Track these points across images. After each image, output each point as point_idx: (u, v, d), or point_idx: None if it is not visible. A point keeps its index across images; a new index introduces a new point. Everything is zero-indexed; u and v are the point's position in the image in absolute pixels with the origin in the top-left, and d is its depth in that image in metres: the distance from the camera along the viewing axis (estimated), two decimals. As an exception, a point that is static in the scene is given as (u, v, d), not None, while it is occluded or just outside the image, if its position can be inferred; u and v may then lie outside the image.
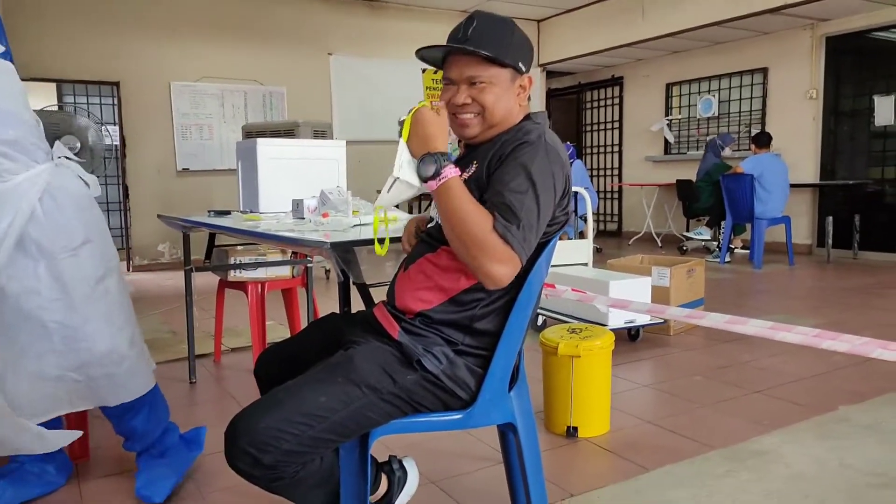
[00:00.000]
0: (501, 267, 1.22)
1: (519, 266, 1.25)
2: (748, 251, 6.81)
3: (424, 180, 1.30)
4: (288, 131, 4.67)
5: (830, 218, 6.61)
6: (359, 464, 1.39)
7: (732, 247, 6.95)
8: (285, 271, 3.29)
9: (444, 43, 1.41)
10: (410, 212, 6.02)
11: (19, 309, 1.70)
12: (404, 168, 1.33)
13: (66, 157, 1.91)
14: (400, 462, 1.63)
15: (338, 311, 1.73)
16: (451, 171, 1.28)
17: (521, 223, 1.25)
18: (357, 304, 1.76)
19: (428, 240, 1.46)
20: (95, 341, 1.81)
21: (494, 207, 1.26)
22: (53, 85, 6.90)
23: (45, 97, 6.79)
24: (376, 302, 1.57)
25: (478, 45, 1.35)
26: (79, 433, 1.87)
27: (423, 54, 1.44)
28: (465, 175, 1.38)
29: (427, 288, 1.40)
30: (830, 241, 6.61)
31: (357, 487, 1.40)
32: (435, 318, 1.38)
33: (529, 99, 1.48)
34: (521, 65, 1.40)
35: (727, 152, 7.30)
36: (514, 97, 1.42)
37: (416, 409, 1.36)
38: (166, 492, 1.95)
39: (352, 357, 1.34)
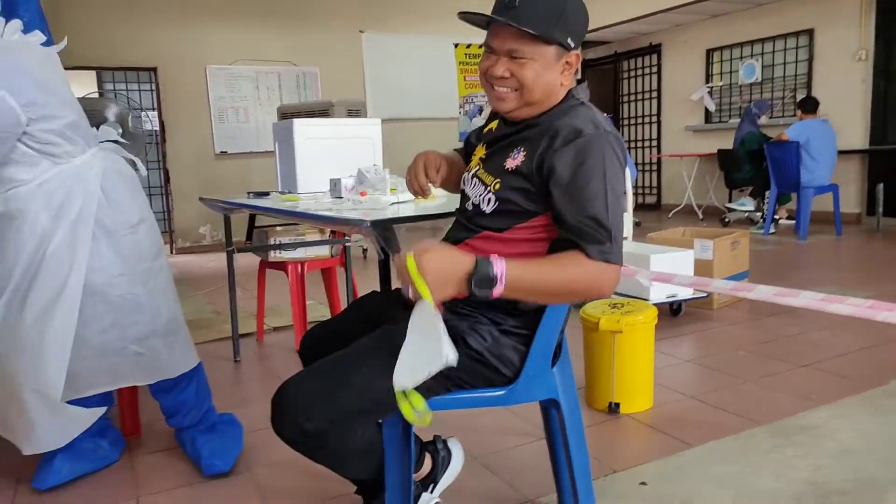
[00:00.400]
0: (610, 284, 1.23)
1: (619, 269, 1.24)
2: (793, 222, 6.61)
3: (487, 296, 1.19)
4: (322, 111, 4.69)
5: (881, 185, 6.36)
6: (402, 440, 1.41)
7: (777, 217, 6.75)
8: (324, 251, 3.33)
9: (494, 5, 1.30)
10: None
11: (84, 285, 1.80)
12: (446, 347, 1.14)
13: (113, 141, 1.99)
14: (444, 442, 1.64)
15: (378, 290, 1.73)
16: (499, 268, 1.17)
17: (612, 233, 1.22)
18: (396, 282, 1.77)
19: (466, 223, 1.43)
20: (156, 314, 1.94)
21: (580, 229, 1.22)
22: (93, 73, 7.04)
23: (85, 85, 6.93)
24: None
25: (526, 16, 1.23)
26: (102, 409, 1.95)
27: (468, 17, 1.32)
28: (511, 163, 1.32)
29: None
30: (881, 210, 6.37)
31: (401, 464, 1.42)
32: (479, 301, 1.36)
33: (577, 74, 1.38)
34: (569, 41, 1.28)
35: (763, 119, 7.06)
36: (557, 75, 1.31)
37: (458, 385, 1.36)
38: (232, 461, 2.02)
39: (394, 332, 1.34)
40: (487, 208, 1.36)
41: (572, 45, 1.30)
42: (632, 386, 2.35)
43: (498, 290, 1.17)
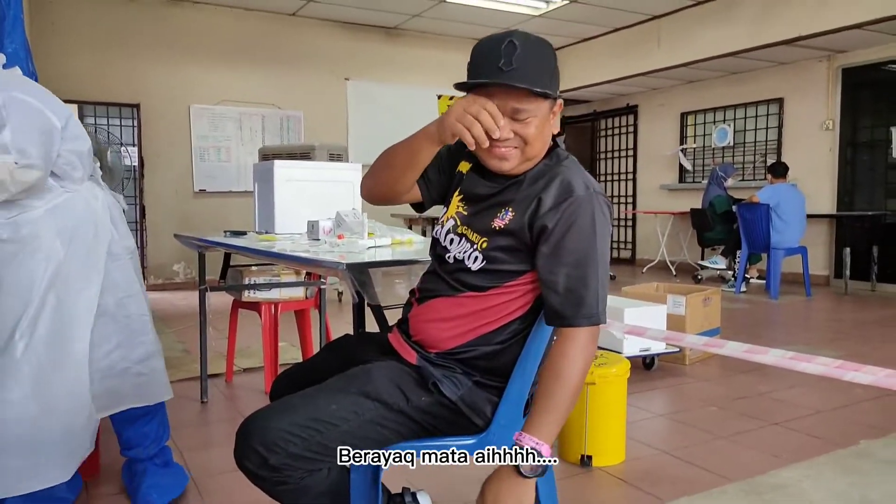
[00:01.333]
0: (597, 340, 1.29)
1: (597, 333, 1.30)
2: (764, 281, 6.74)
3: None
4: (304, 154, 4.71)
5: (848, 249, 6.53)
6: (370, 489, 1.37)
7: (748, 276, 6.88)
8: (299, 292, 3.29)
9: (483, 69, 1.25)
10: (410, 227, 6.03)
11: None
12: None
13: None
14: (413, 495, 1.60)
15: (351, 333, 1.71)
16: (545, 451, 1.22)
17: (599, 295, 1.26)
18: (371, 326, 1.75)
19: (447, 278, 1.38)
20: (155, 335, 2.02)
21: (566, 298, 1.25)
22: (75, 106, 7.03)
23: (67, 118, 6.90)
24: (390, 325, 1.56)
25: (524, 75, 1.22)
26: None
27: (464, 87, 1.27)
28: (499, 223, 1.31)
29: (449, 328, 1.36)
30: (848, 273, 6.53)
31: (368, 511, 1.38)
32: (456, 355, 1.35)
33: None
34: (557, 90, 1.31)
35: (733, 182, 7.28)
36: (549, 126, 1.32)
37: (427, 431, 1.34)
38: (167, 500, 1.99)
39: (369, 371, 1.33)
40: (474, 266, 1.34)
41: (557, 93, 1.32)
42: (604, 438, 2.33)
43: (548, 451, 1.23)
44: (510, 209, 1.32)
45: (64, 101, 1.90)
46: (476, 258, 1.33)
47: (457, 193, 1.45)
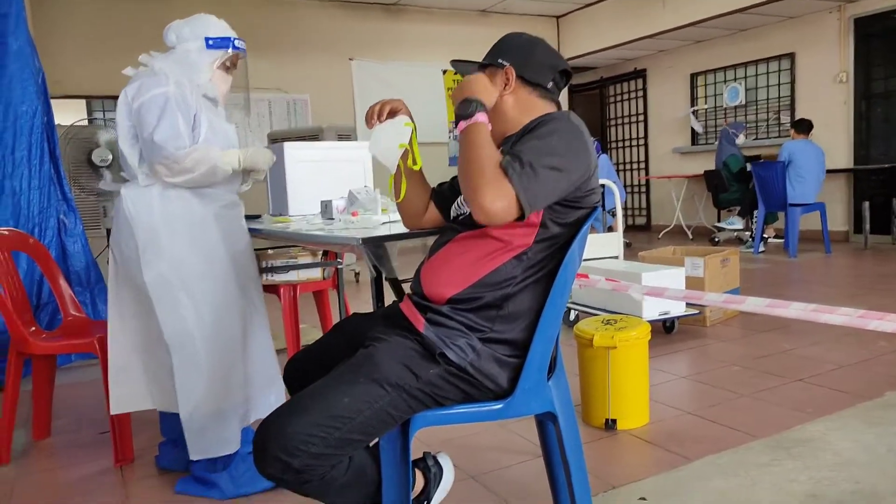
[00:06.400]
0: (496, 200, 1.24)
1: (514, 205, 1.25)
2: (782, 240, 6.67)
3: (458, 119, 1.36)
4: (313, 136, 4.71)
5: (867, 203, 6.44)
6: (401, 457, 1.39)
7: (766, 236, 6.81)
8: (316, 273, 3.31)
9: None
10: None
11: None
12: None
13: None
14: (434, 458, 1.62)
15: (371, 310, 1.72)
16: (482, 117, 1.34)
17: (524, 166, 1.26)
18: (390, 301, 1.76)
19: (454, 227, 1.48)
20: None
21: (505, 154, 1.31)
22: (83, 101, 7.06)
23: (74, 113, 6.94)
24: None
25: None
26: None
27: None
28: None
29: (455, 271, 1.40)
30: (868, 227, 6.44)
31: (399, 486, 1.39)
32: (465, 301, 1.37)
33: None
34: (500, 60, 1.48)
35: (741, 140, 7.17)
36: (502, 94, 1.47)
37: (439, 402, 1.35)
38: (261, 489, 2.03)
39: (372, 355, 1.33)
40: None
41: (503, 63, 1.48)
42: (628, 402, 2.34)
43: (463, 124, 1.34)
44: (501, 152, 1.38)
45: (72, 97, 1.92)
46: None
47: None
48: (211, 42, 2.14)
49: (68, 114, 6.44)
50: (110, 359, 2.08)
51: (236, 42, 2.17)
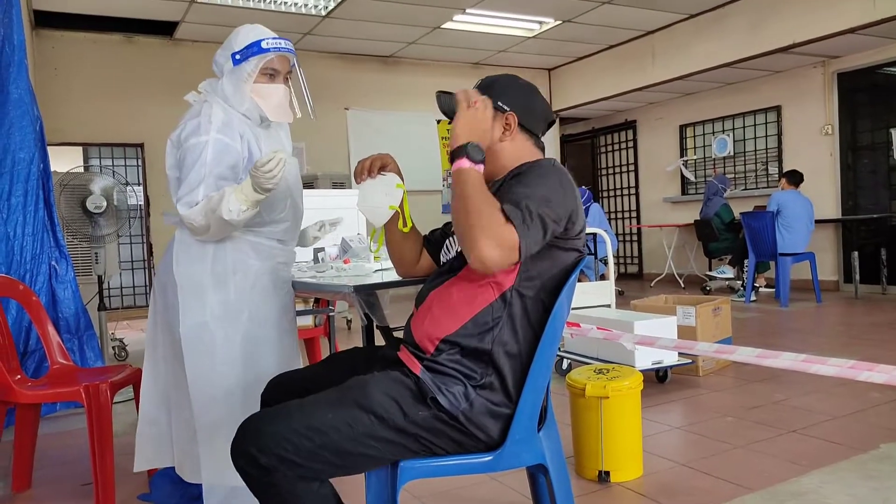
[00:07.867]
0: (495, 248, 1.24)
1: (514, 252, 1.26)
2: (773, 289, 6.70)
3: (457, 155, 1.34)
4: (308, 184, 4.75)
5: (856, 253, 6.51)
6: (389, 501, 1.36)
7: (757, 285, 6.85)
8: (307, 321, 3.30)
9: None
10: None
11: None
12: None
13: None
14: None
15: (353, 347, 1.73)
16: (481, 167, 1.34)
17: (524, 213, 1.28)
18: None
19: (439, 276, 1.50)
20: None
21: (503, 201, 1.31)
22: (80, 149, 7.13)
23: (71, 160, 6.99)
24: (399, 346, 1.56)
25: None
26: None
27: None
28: None
29: (443, 315, 1.41)
30: (858, 277, 6.49)
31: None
32: (455, 344, 1.37)
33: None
34: (500, 103, 1.49)
35: (735, 191, 7.30)
36: (497, 135, 1.49)
37: (425, 448, 1.33)
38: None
39: (366, 383, 1.34)
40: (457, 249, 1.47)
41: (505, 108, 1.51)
42: (621, 453, 2.31)
43: (458, 164, 1.33)
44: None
45: (70, 144, 1.91)
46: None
47: None
48: (238, 56, 1.79)
49: (65, 161, 6.50)
50: (141, 408, 2.01)
51: (264, 43, 1.78)
